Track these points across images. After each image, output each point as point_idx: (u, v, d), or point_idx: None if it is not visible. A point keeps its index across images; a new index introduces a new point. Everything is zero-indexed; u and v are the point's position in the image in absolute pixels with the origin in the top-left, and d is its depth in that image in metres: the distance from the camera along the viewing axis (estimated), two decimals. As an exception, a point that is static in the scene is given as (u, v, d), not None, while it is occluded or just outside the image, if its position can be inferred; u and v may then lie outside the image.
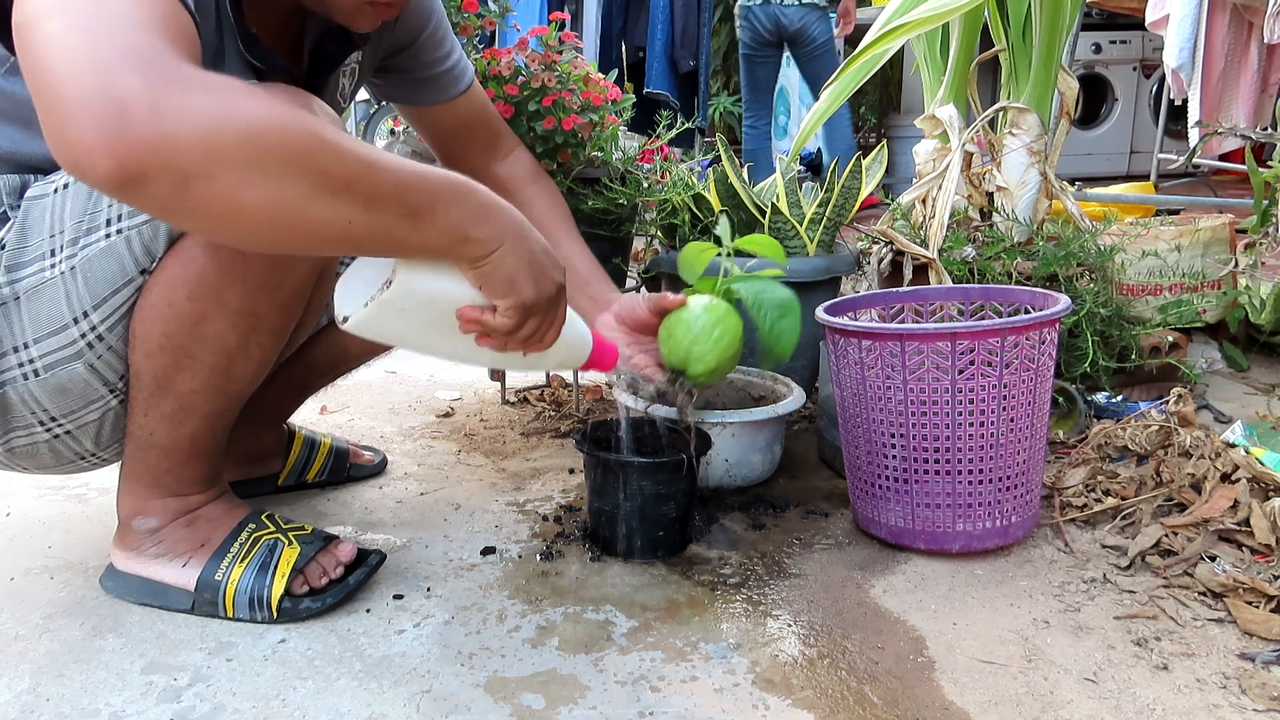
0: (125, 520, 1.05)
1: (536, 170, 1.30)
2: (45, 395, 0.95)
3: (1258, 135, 1.89)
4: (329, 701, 0.89)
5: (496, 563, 1.16)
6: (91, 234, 0.91)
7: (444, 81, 1.19)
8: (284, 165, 0.65)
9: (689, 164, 1.70)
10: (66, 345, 0.93)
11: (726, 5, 6.67)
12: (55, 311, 0.92)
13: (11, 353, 0.93)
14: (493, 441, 1.59)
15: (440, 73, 1.18)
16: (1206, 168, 3.74)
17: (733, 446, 1.32)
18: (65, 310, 0.92)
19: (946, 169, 1.67)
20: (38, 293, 0.92)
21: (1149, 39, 4.62)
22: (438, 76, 1.19)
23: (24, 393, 0.95)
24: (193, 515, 1.05)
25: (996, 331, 1.09)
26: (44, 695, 0.90)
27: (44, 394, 0.95)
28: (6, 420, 0.96)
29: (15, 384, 0.94)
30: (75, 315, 0.93)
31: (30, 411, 0.96)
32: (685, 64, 4.38)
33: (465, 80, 1.21)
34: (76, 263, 0.91)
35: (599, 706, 0.88)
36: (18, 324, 0.93)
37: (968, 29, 1.79)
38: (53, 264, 0.92)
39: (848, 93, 1.82)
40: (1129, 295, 1.79)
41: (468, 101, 1.22)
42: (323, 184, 0.67)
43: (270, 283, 0.94)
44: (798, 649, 0.98)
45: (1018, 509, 1.16)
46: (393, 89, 1.20)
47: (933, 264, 1.60)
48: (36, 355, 0.93)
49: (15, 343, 0.93)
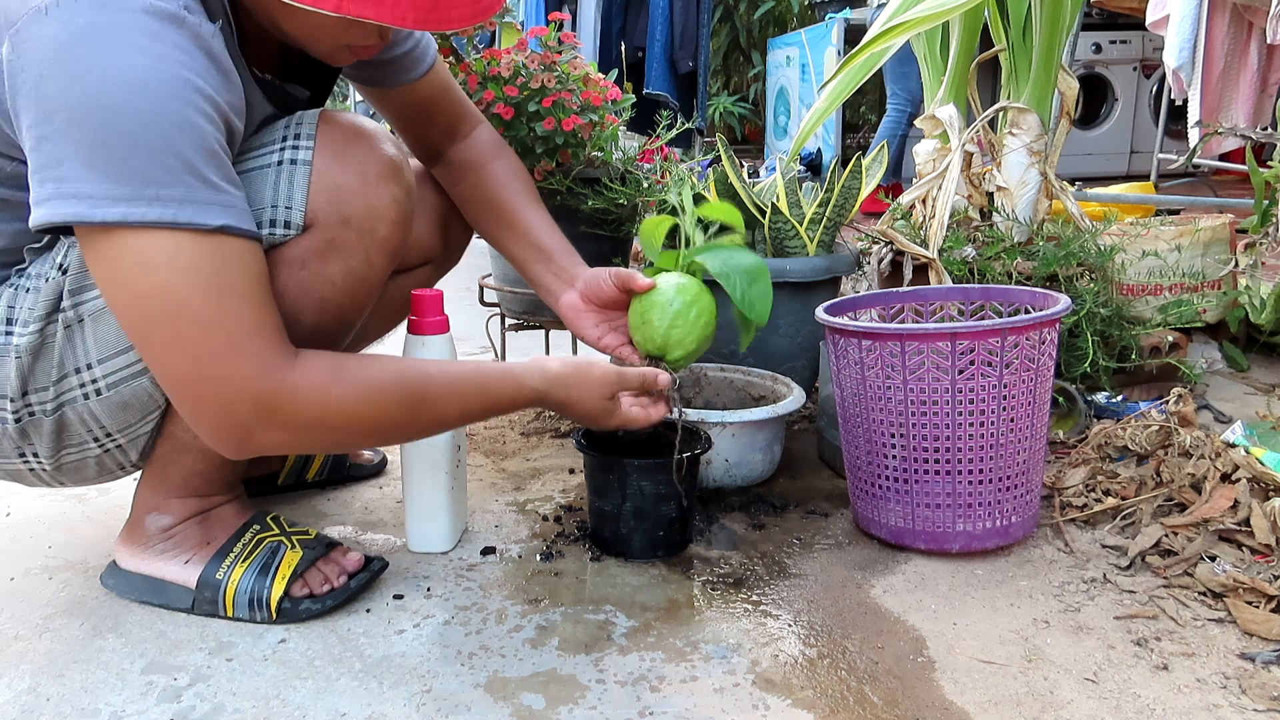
0: (139, 516, 1.05)
1: (498, 145, 1.26)
2: (105, 413, 0.95)
3: (1258, 135, 1.89)
4: (329, 701, 0.89)
5: (496, 563, 1.16)
6: None
7: (405, 64, 1.15)
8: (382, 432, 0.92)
9: (689, 164, 1.70)
10: (136, 363, 0.93)
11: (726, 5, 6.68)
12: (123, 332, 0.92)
13: (73, 374, 0.93)
14: (493, 441, 1.59)
15: (400, 54, 1.14)
16: (1206, 168, 3.74)
17: (733, 446, 1.32)
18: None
19: (946, 169, 1.67)
20: (106, 314, 0.91)
21: (1149, 39, 4.62)
22: (399, 59, 1.15)
23: (83, 412, 0.94)
24: (206, 515, 1.06)
25: (996, 331, 1.09)
26: (44, 695, 0.90)
27: (104, 411, 0.95)
28: (61, 439, 0.96)
29: (75, 404, 0.94)
30: None
31: (86, 429, 0.96)
32: (685, 65, 4.38)
33: (426, 62, 1.17)
34: None
35: (599, 706, 0.88)
36: (81, 346, 0.92)
37: (968, 29, 1.79)
38: None
39: (847, 92, 1.82)
40: (1129, 295, 1.79)
41: (429, 83, 1.18)
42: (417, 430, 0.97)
43: (345, 298, 0.98)
44: (798, 649, 0.98)
45: (1018, 509, 1.16)
46: (353, 70, 1.17)
47: (933, 264, 1.60)
48: (100, 375, 0.93)
49: (78, 364, 0.93)
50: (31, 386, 0.92)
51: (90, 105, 0.73)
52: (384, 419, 0.88)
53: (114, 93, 0.74)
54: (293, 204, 0.92)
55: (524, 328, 1.70)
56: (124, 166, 0.74)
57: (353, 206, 0.94)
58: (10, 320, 0.92)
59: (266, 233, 0.92)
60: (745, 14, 6.74)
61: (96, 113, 0.73)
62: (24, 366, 0.91)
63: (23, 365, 0.91)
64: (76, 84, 0.73)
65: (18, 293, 0.93)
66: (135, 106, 0.74)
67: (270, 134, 0.94)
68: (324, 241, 0.94)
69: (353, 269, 0.97)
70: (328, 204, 0.93)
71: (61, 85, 0.73)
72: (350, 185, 0.93)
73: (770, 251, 1.62)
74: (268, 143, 0.93)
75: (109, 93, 0.73)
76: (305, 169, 0.92)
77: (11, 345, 0.91)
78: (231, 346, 0.80)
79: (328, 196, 0.92)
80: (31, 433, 0.95)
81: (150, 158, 0.75)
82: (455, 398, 0.93)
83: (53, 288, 0.91)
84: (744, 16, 6.77)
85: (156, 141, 0.75)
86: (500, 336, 1.73)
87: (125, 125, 0.74)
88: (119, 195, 0.75)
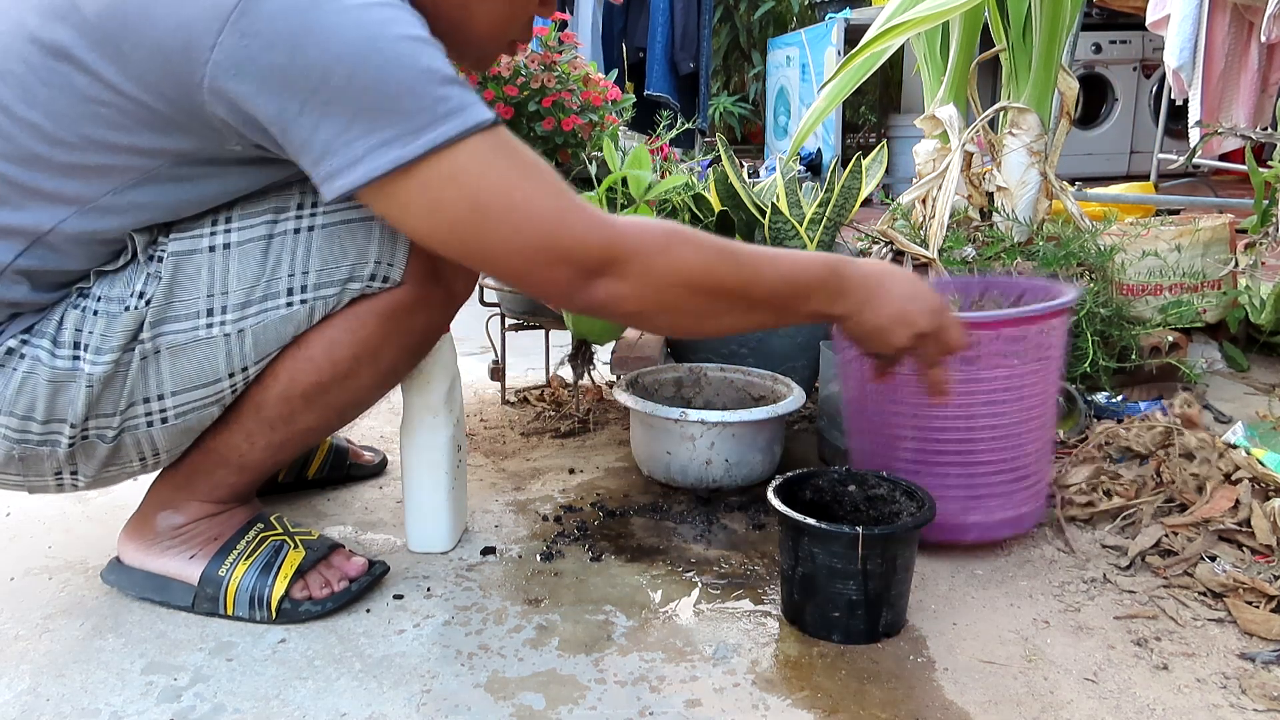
0: (149, 513, 1.04)
1: None
2: (164, 439, 0.96)
3: (1258, 135, 1.89)
4: (329, 701, 0.89)
5: (496, 563, 1.16)
6: (270, 300, 0.92)
7: None
8: (708, 294, 0.86)
9: (689, 164, 1.70)
10: (211, 396, 0.94)
11: (726, 5, 6.68)
12: (208, 368, 0.92)
13: (141, 403, 0.92)
14: (493, 441, 1.59)
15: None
16: (1206, 168, 3.74)
17: (733, 446, 1.32)
18: (222, 367, 0.93)
19: (946, 169, 1.67)
20: (187, 350, 0.91)
21: (1149, 39, 4.62)
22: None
23: (141, 437, 0.95)
24: (217, 515, 1.06)
25: (1011, 322, 1.09)
26: (44, 695, 0.90)
27: (164, 438, 0.95)
28: (110, 462, 0.96)
29: (137, 430, 0.94)
30: (232, 370, 0.93)
31: (138, 452, 0.96)
32: (685, 65, 4.38)
33: None
34: (248, 326, 0.92)
35: (599, 706, 0.88)
36: (154, 377, 0.92)
37: (968, 29, 1.79)
38: (210, 323, 0.91)
39: (847, 91, 1.82)
40: (1129, 295, 1.79)
41: None
42: (729, 301, 0.87)
43: (416, 347, 1.02)
44: (797, 649, 0.98)
45: (1029, 499, 1.16)
46: None
47: (933, 264, 1.60)
48: (171, 406, 0.93)
49: (148, 394, 0.92)
50: (95, 413, 0.91)
51: (359, 56, 0.74)
52: (714, 276, 0.85)
53: (374, 36, 0.75)
54: (395, 261, 0.95)
55: (524, 327, 1.69)
56: (410, 100, 0.75)
57: (446, 265, 0.97)
58: (79, 345, 0.89)
59: (364, 285, 0.94)
60: (745, 14, 6.74)
61: (368, 61, 0.74)
62: (93, 395, 0.90)
63: (92, 393, 0.90)
64: (337, 42, 0.74)
65: (85, 315, 0.90)
66: (396, 43, 0.75)
67: None
68: (414, 298, 0.97)
69: (432, 321, 1.01)
70: (426, 263, 0.96)
71: (323, 48, 0.74)
72: None
73: (770, 251, 1.62)
74: None
75: (372, 40, 0.75)
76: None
77: (83, 372, 0.89)
78: (569, 210, 0.80)
79: (427, 255, 0.94)
80: (81, 456, 0.94)
81: (427, 83, 0.76)
82: (766, 259, 0.88)
83: (133, 317, 0.89)
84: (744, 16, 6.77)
85: (425, 68, 0.76)
86: (500, 336, 1.73)
87: (394, 63, 0.75)
88: (419, 126, 0.76)
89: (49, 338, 0.90)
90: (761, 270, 0.87)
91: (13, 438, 0.91)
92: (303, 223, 0.93)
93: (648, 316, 0.88)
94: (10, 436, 0.90)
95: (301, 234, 0.92)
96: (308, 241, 0.92)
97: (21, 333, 0.90)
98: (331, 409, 1.00)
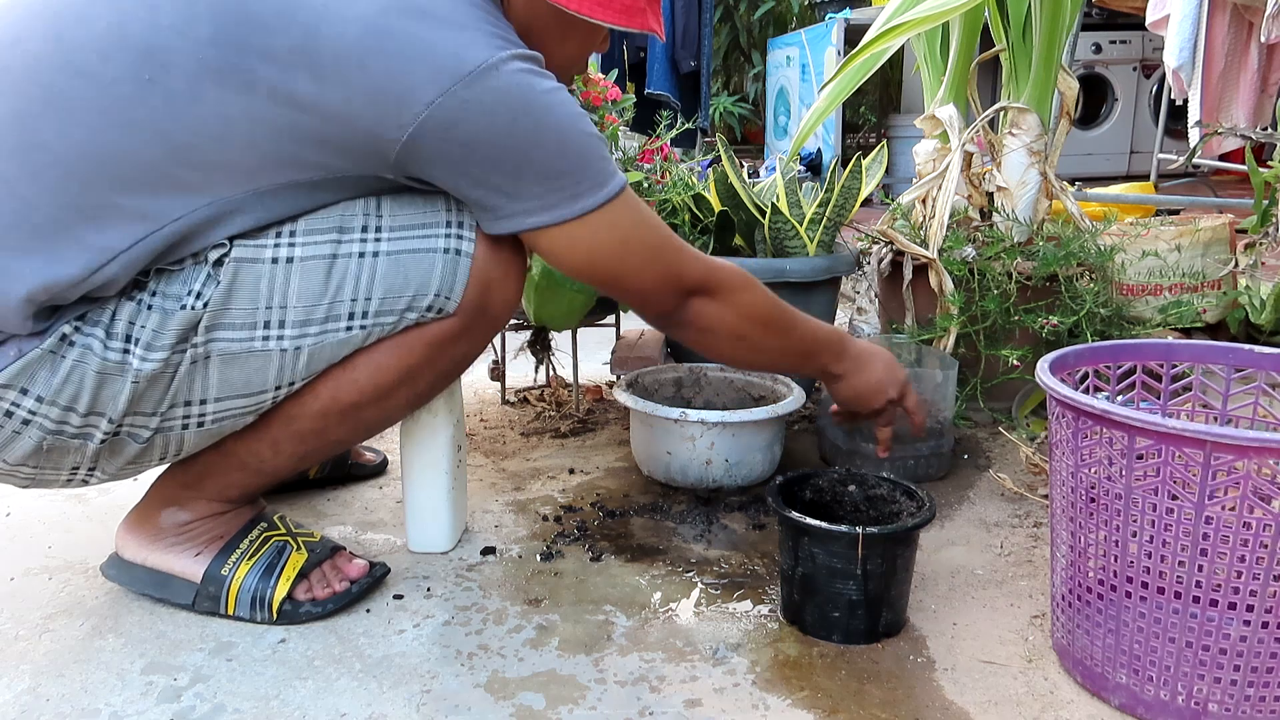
0: (153, 510, 1.04)
1: None
2: (194, 442, 0.96)
3: (1258, 135, 1.89)
4: (329, 701, 0.89)
5: (496, 563, 1.16)
6: (331, 323, 0.93)
7: None
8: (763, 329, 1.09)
9: (689, 164, 1.70)
10: (252, 405, 0.95)
11: (726, 5, 6.67)
12: (257, 379, 0.93)
13: (182, 405, 0.92)
14: (493, 441, 1.59)
15: None
16: (1206, 168, 3.74)
17: (733, 446, 1.32)
18: (271, 379, 0.93)
19: (946, 169, 1.67)
20: (239, 359, 0.91)
21: (1149, 39, 4.61)
22: None
23: (173, 438, 0.95)
24: (223, 514, 1.05)
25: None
26: (44, 695, 0.90)
27: (193, 441, 0.96)
28: (136, 460, 0.96)
29: (171, 432, 0.94)
30: (279, 384, 0.94)
31: (162, 452, 0.96)
32: (686, 65, 4.37)
33: None
34: (305, 345, 0.93)
35: (599, 706, 0.88)
36: (200, 381, 0.92)
37: (968, 29, 1.79)
38: (266, 335, 0.92)
39: (847, 92, 1.82)
40: (1129, 295, 1.79)
41: None
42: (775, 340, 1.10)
43: (451, 372, 1.06)
44: (797, 649, 0.98)
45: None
46: None
47: (932, 264, 1.60)
48: (211, 411, 0.93)
49: (190, 397, 0.92)
50: (136, 410, 0.91)
51: (566, 131, 0.92)
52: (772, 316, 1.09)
53: (575, 115, 0.93)
54: (452, 294, 0.97)
55: (524, 327, 1.69)
56: (594, 165, 0.94)
57: (493, 299, 1.00)
58: (131, 339, 0.89)
59: (421, 315, 0.97)
60: (745, 14, 6.74)
61: (570, 136, 0.92)
62: (138, 391, 0.89)
63: (137, 390, 0.89)
64: (549, 119, 0.90)
65: (140, 309, 0.89)
66: (581, 119, 0.93)
67: (433, 213, 0.97)
68: (463, 327, 1.00)
69: (472, 350, 1.05)
70: (478, 296, 0.99)
71: (536, 124, 0.89)
72: (496, 280, 0.99)
73: (770, 251, 1.62)
74: (432, 224, 0.96)
75: (572, 119, 0.92)
76: (468, 261, 0.97)
77: (131, 367, 0.89)
78: (681, 248, 1.02)
79: (479, 289, 0.98)
80: (108, 452, 0.93)
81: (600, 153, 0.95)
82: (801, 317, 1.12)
83: (187, 317, 0.89)
84: (744, 16, 6.76)
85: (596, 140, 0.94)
86: (500, 337, 1.73)
87: (584, 136, 0.93)
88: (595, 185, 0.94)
89: (103, 327, 0.89)
90: (798, 324, 1.12)
91: (49, 428, 0.89)
92: (368, 246, 0.94)
93: (718, 334, 1.07)
94: (47, 427, 0.89)
95: (366, 259, 0.94)
96: (372, 267, 0.94)
97: (76, 319, 0.88)
98: (362, 425, 1.02)
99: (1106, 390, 1.01)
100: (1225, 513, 0.77)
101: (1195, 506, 0.78)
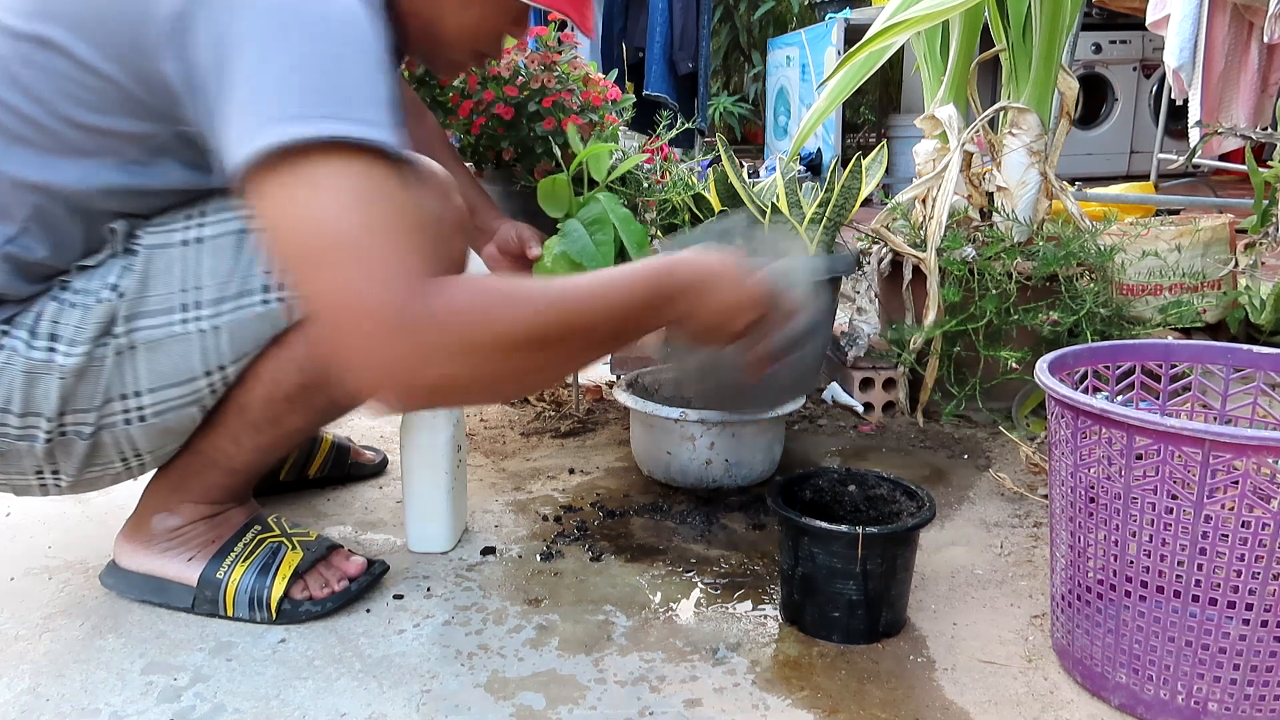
0: (144, 516, 1.04)
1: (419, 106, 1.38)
2: (144, 438, 0.95)
3: (1258, 135, 1.89)
4: (329, 701, 0.89)
5: (496, 563, 1.16)
6: (245, 297, 0.91)
7: None
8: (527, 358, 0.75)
9: (689, 164, 1.70)
10: (189, 395, 0.94)
11: (726, 5, 6.68)
12: (184, 365, 0.92)
13: (118, 399, 0.92)
14: (493, 441, 1.59)
15: None
16: (1206, 168, 3.74)
17: (733, 446, 1.32)
18: (198, 364, 0.92)
19: (946, 169, 1.67)
20: (162, 346, 0.91)
21: (1149, 39, 4.61)
22: None
23: (120, 435, 0.94)
24: (214, 517, 1.06)
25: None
26: (44, 695, 0.90)
27: (143, 437, 0.95)
28: (89, 460, 0.95)
29: (114, 428, 0.93)
30: (209, 369, 0.93)
31: (118, 451, 0.96)
32: (684, 66, 4.37)
33: None
34: (223, 323, 0.91)
35: (599, 706, 0.88)
36: (130, 373, 0.91)
37: (968, 29, 1.79)
38: (185, 319, 0.91)
39: (848, 90, 1.82)
40: (1129, 295, 1.79)
41: None
42: (554, 357, 0.77)
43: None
44: (797, 649, 0.98)
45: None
46: None
47: (922, 262, 1.60)
48: (148, 404, 0.93)
49: (124, 390, 0.92)
50: (71, 408, 0.91)
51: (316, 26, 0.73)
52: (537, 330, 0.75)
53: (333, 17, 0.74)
54: None
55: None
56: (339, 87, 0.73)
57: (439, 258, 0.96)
58: (55, 336, 0.89)
59: None
60: (745, 14, 6.74)
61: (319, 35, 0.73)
62: (67, 387, 0.89)
63: (66, 385, 0.89)
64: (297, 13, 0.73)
65: (62, 307, 0.89)
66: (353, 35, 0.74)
67: None
68: None
69: None
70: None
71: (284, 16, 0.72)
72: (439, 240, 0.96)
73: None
74: None
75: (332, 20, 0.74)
76: None
77: (56, 364, 0.89)
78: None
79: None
80: (60, 453, 0.94)
81: (361, 83, 0.74)
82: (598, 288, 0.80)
83: (105, 310, 0.89)
84: (744, 16, 6.76)
85: (367, 69, 0.74)
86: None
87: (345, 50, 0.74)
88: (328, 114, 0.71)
89: (27, 328, 0.89)
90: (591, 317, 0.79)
91: None
92: None
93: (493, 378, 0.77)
94: None
95: None
96: None
97: (3, 323, 0.89)
98: (316, 409, 1.00)
99: (1106, 390, 1.01)
100: (1224, 512, 0.78)
101: (1194, 506, 0.78)
